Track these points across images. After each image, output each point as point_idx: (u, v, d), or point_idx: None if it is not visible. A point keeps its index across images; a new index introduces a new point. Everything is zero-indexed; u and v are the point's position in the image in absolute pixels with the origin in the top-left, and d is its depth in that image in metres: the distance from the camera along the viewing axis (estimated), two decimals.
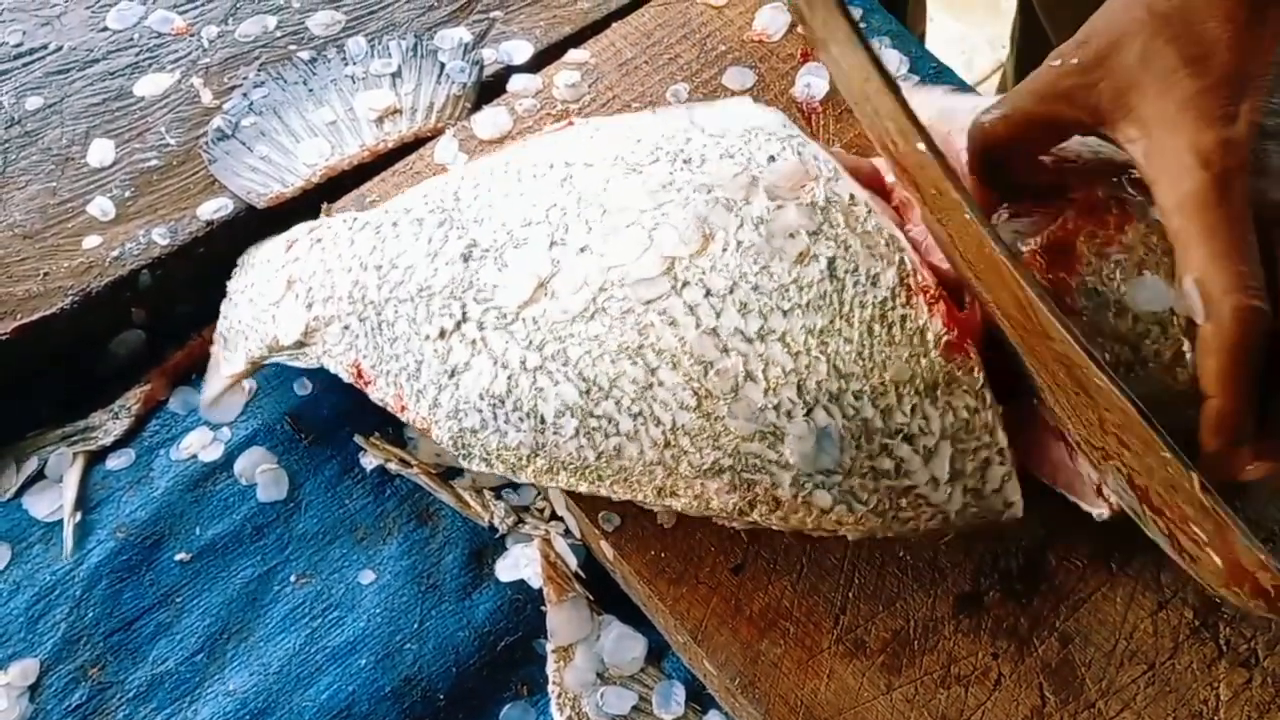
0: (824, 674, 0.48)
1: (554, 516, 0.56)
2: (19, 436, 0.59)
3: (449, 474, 0.57)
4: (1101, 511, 0.46)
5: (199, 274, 0.62)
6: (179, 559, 0.55)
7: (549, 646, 0.52)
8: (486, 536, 0.56)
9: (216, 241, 0.62)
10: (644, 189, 0.49)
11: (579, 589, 0.53)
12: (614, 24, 0.68)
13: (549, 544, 0.54)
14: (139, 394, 0.60)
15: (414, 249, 0.52)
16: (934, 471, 0.45)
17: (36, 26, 0.71)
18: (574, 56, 0.67)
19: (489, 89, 0.67)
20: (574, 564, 0.54)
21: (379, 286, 0.52)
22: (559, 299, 0.48)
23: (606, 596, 0.53)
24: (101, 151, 0.65)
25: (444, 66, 0.68)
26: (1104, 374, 0.38)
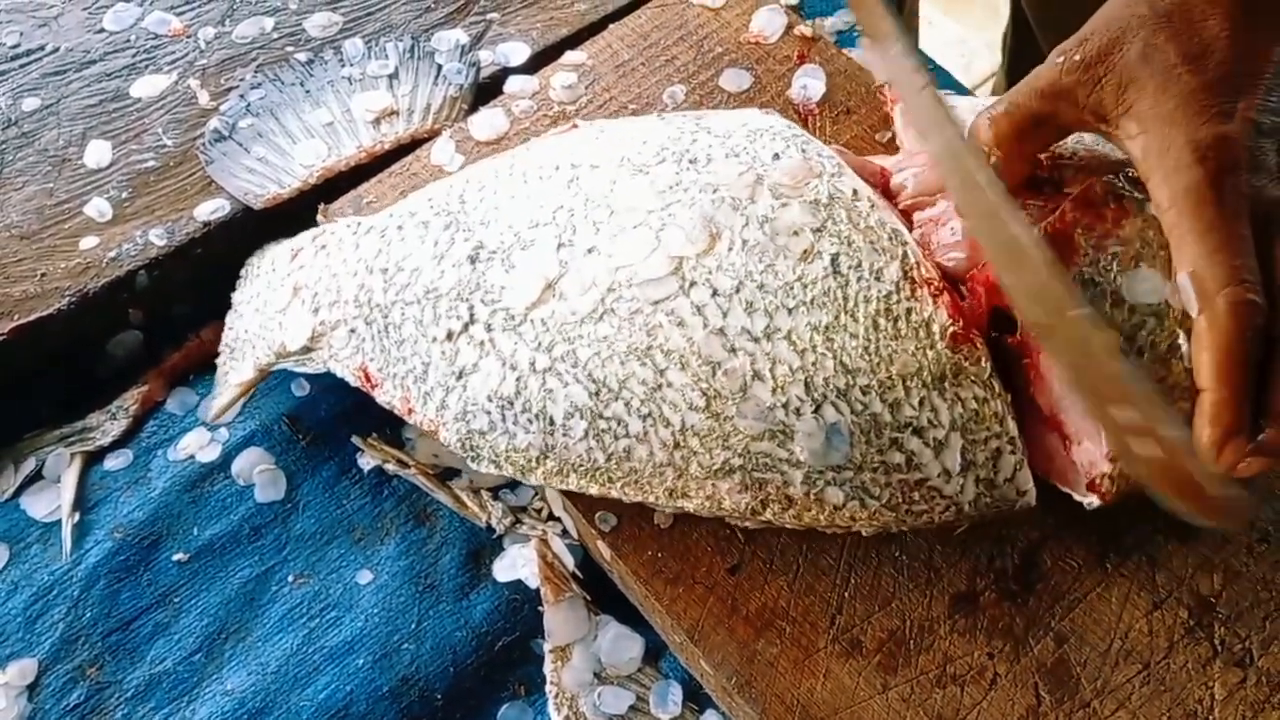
0: (820, 673, 0.48)
1: (551, 517, 0.56)
2: (17, 437, 0.59)
3: (446, 474, 0.57)
4: (1092, 500, 0.46)
5: (196, 275, 0.62)
6: (177, 559, 0.55)
7: (546, 646, 0.52)
8: (484, 537, 0.56)
9: (214, 242, 0.62)
10: (651, 189, 0.49)
11: (576, 589, 0.53)
12: (611, 26, 0.68)
13: (546, 544, 0.54)
14: (137, 395, 0.60)
15: (420, 251, 0.52)
16: (945, 463, 0.46)
17: (34, 28, 0.71)
18: (571, 58, 0.67)
19: (486, 90, 0.67)
20: (571, 564, 0.54)
21: (385, 289, 0.52)
22: (567, 300, 0.48)
23: (604, 596, 0.53)
24: (98, 153, 0.65)
25: (441, 68, 0.68)
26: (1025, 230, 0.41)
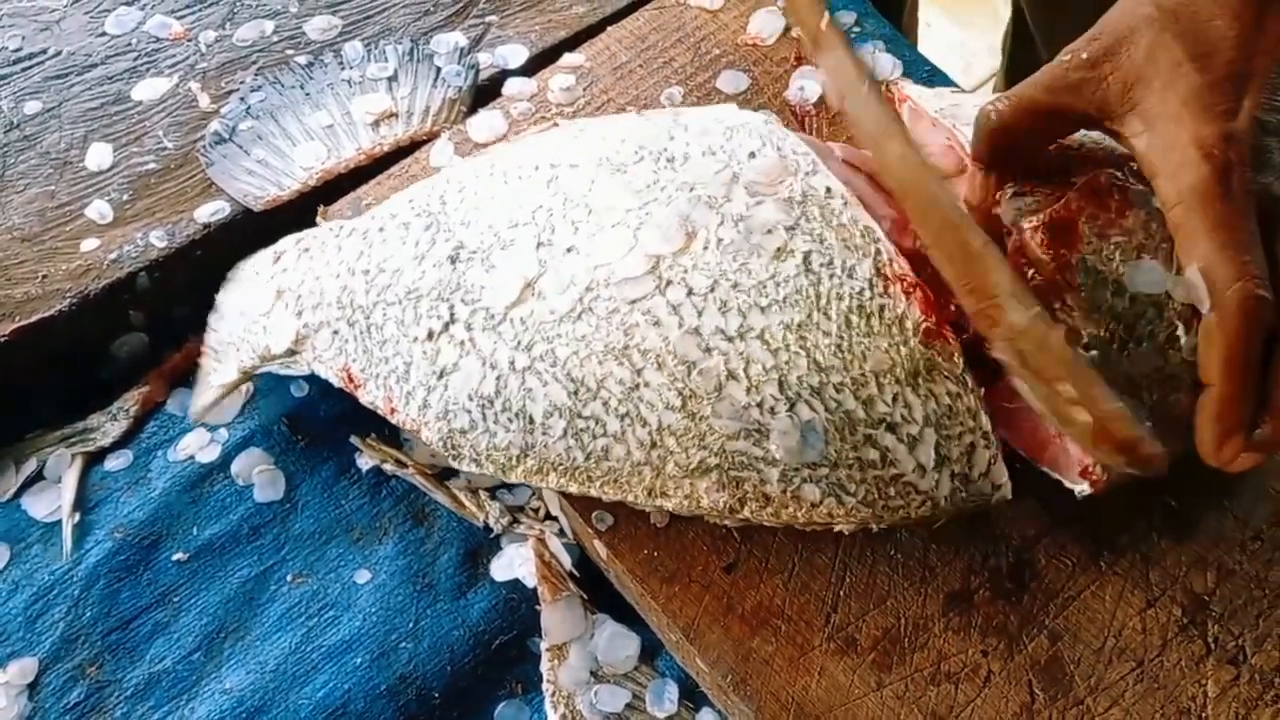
0: (815, 671, 0.48)
1: (548, 516, 0.56)
2: (18, 437, 0.59)
3: (444, 474, 0.57)
4: (1084, 488, 0.46)
5: (197, 276, 0.62)
6: (176, 559, 0.56)
7: (543, 645, 0.52)
8: (481, 536, 0.56)
9: (214, 244, 0.63)
10: (629, 188, 0.49)
11: (573, 588, 0.53)
12: (609, 28, 0.69)
13: (543, 543, 0.55)
14: (137, 395, 0.60)
15: (401, 252, 0.52)
16: (920, 459, 0.46)
17: (35, 31, 0.71)
18: (569, 60, 0.67)
19: (484, 93, 0.67)
20: (568, 563, 0.54)
21: (367, 290, 0.52)
22: (546, 299, 0.48)
23: (600, 595, 0.54)
24: (99, 155, 0.66)
25: (440, 70, 0.68)
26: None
